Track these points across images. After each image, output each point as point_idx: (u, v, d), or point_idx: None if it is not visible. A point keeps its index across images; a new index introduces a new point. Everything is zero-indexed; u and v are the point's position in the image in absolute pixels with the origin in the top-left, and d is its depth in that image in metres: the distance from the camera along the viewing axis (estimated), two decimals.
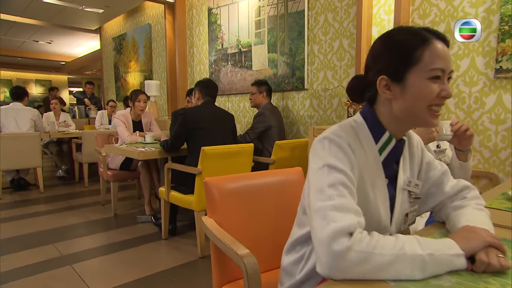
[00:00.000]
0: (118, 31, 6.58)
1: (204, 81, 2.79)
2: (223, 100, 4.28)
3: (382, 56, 0.82)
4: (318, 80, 3.18)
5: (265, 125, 3.07)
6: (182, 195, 2.51)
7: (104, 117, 5.79)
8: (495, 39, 2.07)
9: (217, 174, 2.49)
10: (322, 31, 3.09)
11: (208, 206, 1.27)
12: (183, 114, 2.57)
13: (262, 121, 3.08)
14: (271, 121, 3.08)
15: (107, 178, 3.42)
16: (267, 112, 3.10)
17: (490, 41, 2.09)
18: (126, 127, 3.36)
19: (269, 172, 1.44)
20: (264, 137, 3.12)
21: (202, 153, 2.32)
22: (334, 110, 3.07)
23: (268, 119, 3.08)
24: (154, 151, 2.70)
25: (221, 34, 4.15)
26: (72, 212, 3.56)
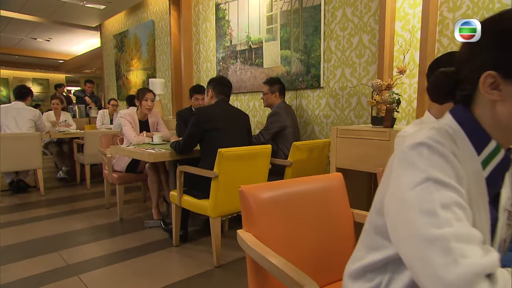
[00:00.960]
0: (119, 28, 6.40)
1: (217, 79, 2.63)
2: (232, 99, 4.12)
3: (488, 47, 0.66)
4: (335, 78, 3.03)
5: (280, 125, 2.92)
6: (196, 200, 2.36)
7: (105, 117, 5.62)
8: None
9: (234, 177, 2.35)
10: (340, 27, 2.95)
11: (245, 218, 1.12)
12: (196, 114, 2.42)
13: (277, 121, 2.93)
14: (286, 121, 2.93)
15: (113, 181, 3.25)
16: (281, 112, 2.95)
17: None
18: (132, 127, 3.19)
19: (307, 179, 1.29)
20: (279, 137, 2.97)
21: (218, 155, 2.17)
22: (352, 110, 2.92)
23: (283, 119, 2.93)
24: (164, 153, 2.55)
25: (230, 30, 3.99)
26: (75, 216, 3.39)
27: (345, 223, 1.28)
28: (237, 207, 2.41)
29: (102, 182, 4.89)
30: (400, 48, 2.54)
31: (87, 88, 6.62)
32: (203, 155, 2.47)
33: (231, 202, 2.33)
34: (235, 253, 2.49)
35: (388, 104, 2.16)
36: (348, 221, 1.29)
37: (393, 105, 2.15)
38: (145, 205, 3.77)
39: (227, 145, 2.34)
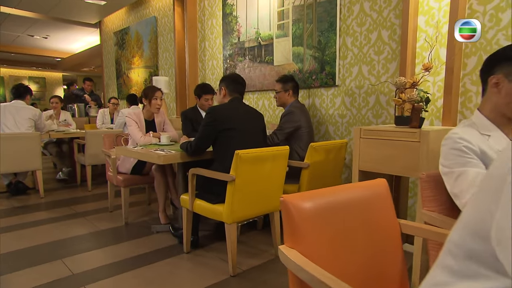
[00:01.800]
0: (120, 25, 6.23)
1: (231, 76, 2.49)
2: None
3: None
4: (352, 76, 2.90)
5: (295, 125, 2.79)
6: (209, 204, 2.22)
7: (106, 116, 5.46)
8: None
9: (251, 181, 2.21)
10: (357, 22, 2.82)
11: (288, 233, 0.98)
12: (210, 113, 2.28)
13: (291, 120, 2.80)
14: (301, 120, 2.80)
15: (117, 184, 3.11)
16: (296, 111, 2.82)
17: None
18: (138, 127, 3.05)
19: (350, 186, 1.16)
20: (293, 138, 2.83)
21: (235, 158, 2.03)
22: (370, 109, 2.80)
23: (297, 118, 2.80)
24: (175, 154, 2.40)
25: (238, 26, 3.85)
26: (78, 220, 3.24)
27: (392, 235, 1.15)
28: (254, 212, 2.28)
29: (103, 183, 4.75)
30: (424, 44, 2.41)
31: (86, 87, 6.45)
32: (217, 157, 2.33)
33: (248, 207, 2.20)
34: (251, 261, 2.36)
35: (415, 103, 2.03)
36: (395, 233, 1.16)
37: (421, 104, 2.02)
38: (150, 208, 3.63)
39: (243, 146, 2.21)
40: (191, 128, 3.41)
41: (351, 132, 2.95)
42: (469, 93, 2.23)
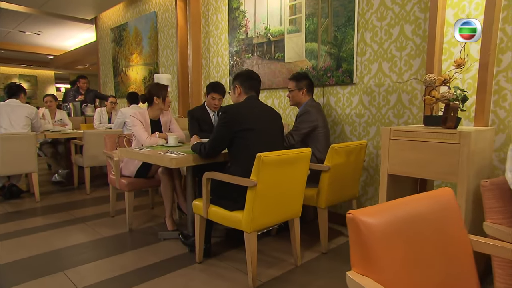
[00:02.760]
0: (117, 21, 6.01)
1: (245, 73, 2.32)
2: None
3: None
4: (371, 73, 2.75)
5: (311, 125, 2.63)
6: (226, 211, 2.05)
7: (103, 115, 5.25)
8: None
9: (273, 185, 2.03)
10: (377, 16, 2.67)
11: (357, 255, 0.82)
12: (226, 112, 2.10)
13: (308, 120, 2.64)
14: (318, 120, 2.65)
15: (121, 187, 2.91)
16: (312, 110, 2.66)
17: None
18: (143, 128, 2.86)
19: (415, 198, 1.00)
20: (309, 139, 2.68)
21: (257, 161, 1.86)
22: (391, 108, 2.65)
23: (314, 118, 2.64)
24: (187, 157, 2.23)
25: (245, 21, 3.68)
26: (78, 226, 3.04)
27: (464, 254, 1.00)
28: (275, 220, 2.12)
29: (102, 186, 4.54)
30: (452, 39, 2.27)
31: (82, 85, 6.20)
32: (234, 160, 2.16)
33: (269, 214, 2.04)
34: (270, 271, 2.19)
35: (451, 102, 1.89)
36: (467, 251, 1.00)
37: (457, 103, 1.88)
38: (154, 213, 3.44)
39: (262, 148, 2.04)
40: (198, 128, 3.24)
41: (369, 132, 2.80)
42: (504, 91, 2.10)
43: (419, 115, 2.50)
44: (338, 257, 2.41)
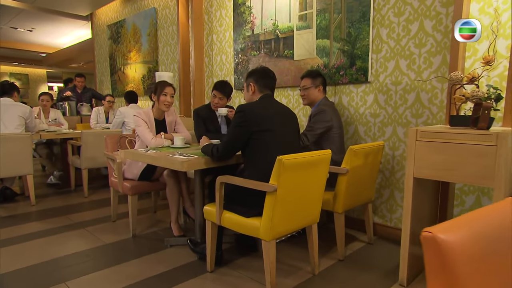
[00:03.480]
0: (114, 17, 5.82)
1: (260, 70, 2.19)
2: None
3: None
4: (387, 71, 2.64)
5: (327, 125, 2.51)
6: (242, 218, 1.92)
7: (100, 114, 5.07)
8: None
9: (293, 190, 1.90)
10: (394, 12, 2.55)
11: (439, 283, 0.69)
12: (242, 111, 1.97)
13: (323, 120, 2.51)
14: (333, 120, 2.53)
15: (124, 191, 2.76)
16: (328, 109, 2.54)
17: None
18: (148, 128, 2.71)
19: (494, 208, 0.88)
20: (323, 139, 2.55)
21: (278, 165, 1.73)
22: (409, 108, 2.54)
23: (329, 118, 2.52)
24: (198, 159, 2.09)
25: (252, 18, 3.54)
26: (78, 232, 2.88)
27: None
28: (294, 226, 1.99)
29: (100, 188, 4.37)
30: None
31: (78, 83, 5.99)
32: (249, 163, 2.02)
33: (288, 221, 1.91)
34: (287, 281, 2.06)
35: (484, 101, 1.78)
36: None
37: (490, 102, 1.77)
38: (157, 217, 3.29)
39: (279, 150, 1.91)
40: (204, 128, 3.10)
41: (385, 133, 2.69)
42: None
43: (439, 115, 2.39)
44: (356, 264, 2.29)
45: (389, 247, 2.57)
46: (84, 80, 5.93)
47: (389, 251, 2.50)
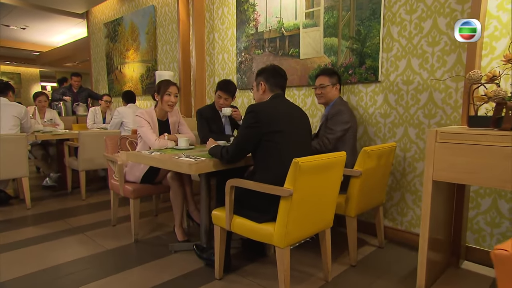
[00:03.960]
0: (111, 15, 5.69)
1: (270, 68, 2.09)
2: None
3: None
4: (398, 71, 2.56)
5: (346, 127, 2.42)
6: (254, 223, 1.82)
7: (97, 114, 4.94)
8: None
9: (309, 194, 1.82)
10: (406, 9, 2.48)
11: None
12: (254, 112, 1.88)
13: (342, 121, 2.42)
14: (351, 120, 2.45)
15: (126, 194, 2.65)
16: (346, 110, 2.47)
17: None
18: (151, 129, 2.60)
19: None
20: (339, 141, 2.46)
21: (294, 168, 1.64)
22: (421, 108, 2.47)
23: (348, 119, 2.44)
24: (207, 162, 1.99)
25: (256, 15, 3.45)
26: (77, 237, 2.76)
27: None
28: (309, 232, 1.90)
29: (98, 190, 4.24)
30: (494, 32, 2.10)
31: (74, 83, 5.84)
32: (260, 165, 1.93)
33: (303, 226, 1.82)
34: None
35: (507, 100, 1.71)
36: None
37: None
38: (158, 220, 3.18)
39: (292, 152, 1.84)
40: (207, 129, 3.01)
41: (396, 133, 2.62)
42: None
43: (453, 115, 2.33)
44: (370, 270, 2.21)
45: (401, 251, 2.50)
46: (80, 79, 5.79)
47: (401, 255, 2.42)
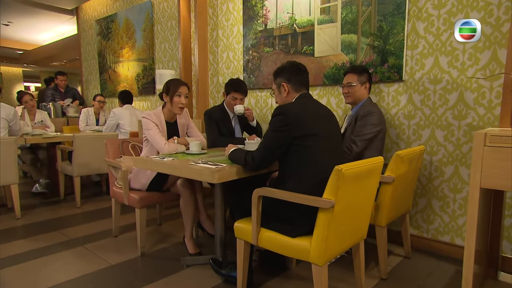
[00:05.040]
0: (104, 12, 5.41)
1: (289, 66, 1.89)
2: (264, 95, 3.40)
3: None
4: (424, 69, 2.41)
5: (377, 129, 2.25)
6: (286, 238, 1.63)
7: (90, 116, 4.67)
8: None
9: (349, 205, 1.62)
10: (434, 4, 2.34)
11: None
12: (283, 113, 1.68)
13: (373, 123, 2.24)
14: (382, 123, 2.29)
15: (131, 203, 2.42)
16: (377, 111, 2.30)
17: None
18: (159, 132, 2.38)
19: None
20: (368, 145, 2.29)
21: (336, 176, 1.45)
22: (450, 109, 2.32)
23: (380, 121, 2.27)
24: (230, 169, 1.79)
25: (265, 11, 3.26)
26: (76, 250, 2.51)
27: None
28: (346, 246, 1.72)
29: (92, 197, 3.97)
30: None
31: (60, 82, 5.52)
32: (291, 173, 1.73)
33: (342, 240, 1.64)
34: None
35: None
36: None
37: None
38: (163, 230, 2.96)
39: (328, 158, 1.67)
40: (217, 131, 2.81)
41: (421, 136, 2.47)
42: None
43: (486, 116, 2.19)
44: (402, 284, 2.05)
45: (429, 261, 2.35)
46: (66, 78, 5.48)
47: (431, 266, 2.27)
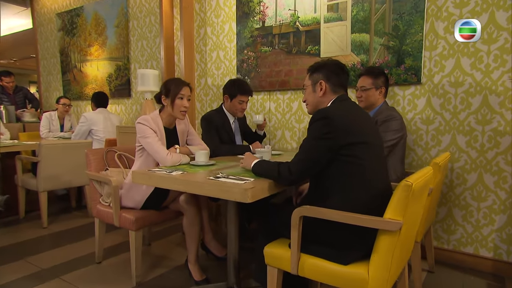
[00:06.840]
0: (67, 4, 4.84)
1: (331, 64, 1.66)
2: (262, 97, 3.14)
3: None
4: (444, 71, 2.29)
5: (399, 135, 2.08)
6: (336, 265, 1.37)
7: (53, 121, 4.12)
8: None
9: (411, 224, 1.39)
10: (455, 2, 2.22)
11: None
12: (326, 118, 1.43)
13: (395, 128, 2.06)
14: (403, 128, 2.12)
15: (123, 225, 2.03)
16: (398, 116, 2.12)
17: None
18: (159, 140, 2.02)
19: None
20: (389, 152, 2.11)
21: (405, 191, 1.22)
22: (473, 113, 2.21)
23: (401, 125, 2.11)
24: (262, 185, 1.50)
25: (262, 7, 3.01)
26: (52, 285, 2.06)
27: None
28: (400, 270, 1.50)
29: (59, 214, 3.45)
30: None
31: (6, 84, 4.80)
32: (337, 187, 1.47)
33: (400, 265, 1.42)
34: None
35: None
36: None
37: None
38: (153, 251, 2.57)
39: (378, 169, 1.46)
40: (218, 139, 2.50)
41: (441, 142, 2.34)
42: None
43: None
44: None
45: (455, 275, 2.20)
46: (13, 79, 4.80)
47: (458, 281, 2.13)
